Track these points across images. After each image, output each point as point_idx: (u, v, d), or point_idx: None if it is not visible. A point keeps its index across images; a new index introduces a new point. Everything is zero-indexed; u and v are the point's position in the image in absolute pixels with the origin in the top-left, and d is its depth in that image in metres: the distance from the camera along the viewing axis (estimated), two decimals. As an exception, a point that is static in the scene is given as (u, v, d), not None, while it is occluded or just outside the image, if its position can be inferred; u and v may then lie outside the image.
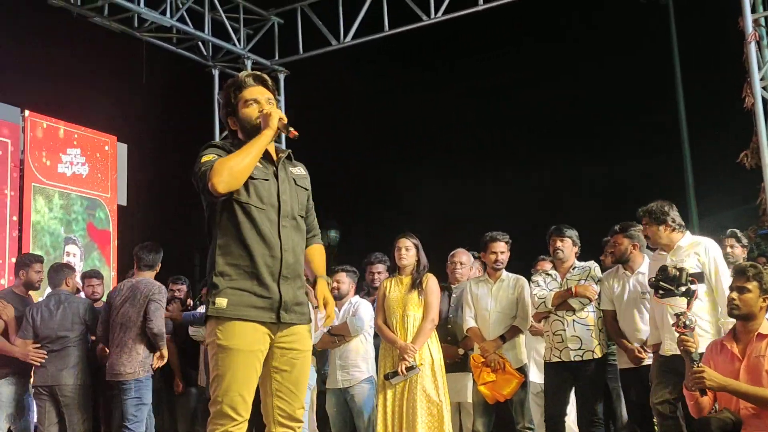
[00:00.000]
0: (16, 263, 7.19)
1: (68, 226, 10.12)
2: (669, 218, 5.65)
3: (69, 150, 10.20)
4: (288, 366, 3.64)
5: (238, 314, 3.51)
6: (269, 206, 3.60)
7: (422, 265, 6.40)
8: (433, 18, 10.68)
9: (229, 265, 3.54)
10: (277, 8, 11.80)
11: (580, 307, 6.24)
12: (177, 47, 11.36)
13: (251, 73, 3.80)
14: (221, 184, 3.44)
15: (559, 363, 6.25)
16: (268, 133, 3.58)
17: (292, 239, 3.64)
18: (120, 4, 10.16)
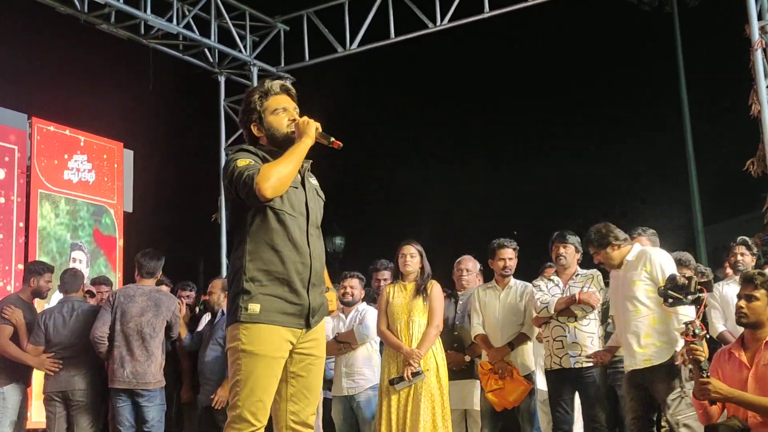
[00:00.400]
0: (27, 270, 7.18)
1: (74, 232, 10.13)
2: (611, 237, 5.71)
3: (75, 156, 10.22)
4: (305, 372, 3.66)
5: (271, 319, 3.51)
6: (299, 214, 3.63)
7: (426, 272, 6.42)
8: (439, 25, 10.69)
9: (259, 271, 3.54)
10: (283, 15, 11.82)
11: (582, 314, 6.24)
12: (183, 54, 11.39)
13: (277, 81, 3.81)
14: (269, 189, 3.43)
15: (559, 370, 6.24)
16: (307, 142, 3.59)
17: (318, 247, 3.66)
18: (127, 11, 10.19)
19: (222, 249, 11.60)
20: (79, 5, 9.97)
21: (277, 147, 3.66)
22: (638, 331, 5.53)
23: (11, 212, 9.49)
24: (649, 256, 5.63)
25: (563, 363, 6.20)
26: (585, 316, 6.24)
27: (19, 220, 9.55)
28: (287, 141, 3.65)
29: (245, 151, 3.64)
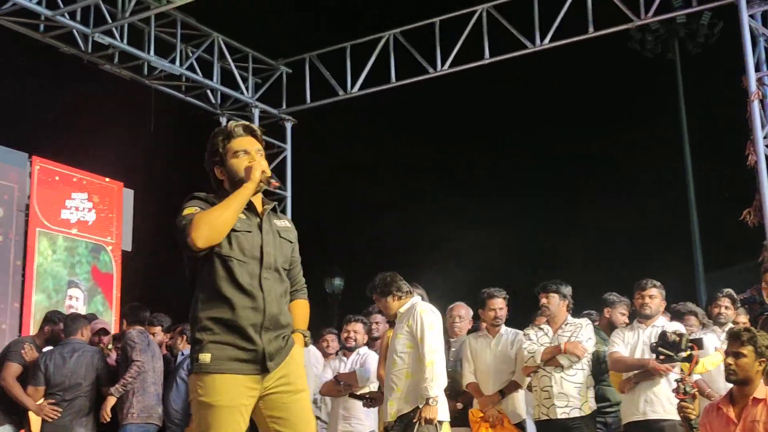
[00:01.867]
0: (44, 318, 7.24)
1: (72, 269, 10.15)
2: (394, 288, 5.76)
3: (75, 194, 10.28)
4: (284, 411, 3.55)
5: (222, 368, 3.43)
6: (251, 258, 3.52)
7: None
8: (440, 70, 10.77)
9: (210, 320, 3.47)
10: (285, 58, 11.93)
11: (568, 364, 6.19)
12: (185, 95, 11.48)
13: (241, 123, 3.74)
14: (200, 239, 3.39)
15: (546, 421, 6.20)
16: (249, 186, 3.52)
17: (275, 290, 3.57)
18: (130, 52, 10.29)
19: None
20: (83, 45, 10.08)
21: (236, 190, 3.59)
22: (392, 385, 5.61)
23: (9, 250, 9.52)
24: (416, 310, 5.66)
25: (550, 413, 6.15)
26: (571, 366, 6.20)
27: (16, 258, 9.59)
28: (240, 185, 3.57)
29: (195, 198, 3.60)
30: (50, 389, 6.70)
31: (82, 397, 6.74)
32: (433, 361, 5.45)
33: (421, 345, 5.51)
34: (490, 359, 6.56)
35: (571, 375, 6.19)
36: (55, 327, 7.06)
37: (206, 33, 11.10)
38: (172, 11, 10.34)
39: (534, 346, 6.27)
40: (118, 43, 10.09)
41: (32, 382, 6.72)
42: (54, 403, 6.67)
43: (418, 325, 5.56)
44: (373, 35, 11.17)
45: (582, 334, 6.26)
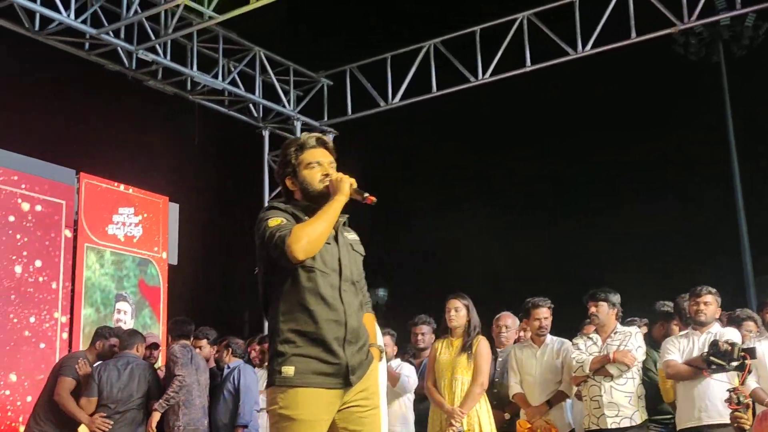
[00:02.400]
0: (95, 333, 7.36)
1: (119, 283, 10.26)
2: None
3: (121, 209, 10.40)
4: (358, 426, 3.50)
5: (306, 382, 3.39)
6: (331, 271, 3.51)
7: (473, 326, 6.28)
8: (481, 79, 10.74)
9: (293, 332, 3.44)
10: (326, 70, 12.00)
11: (618, 374, 6.13)
12: (228, 109, 11.59)
13: (314, 135, 3.73)
14: (301, 251, 3.37)
15: (597, 431, 6.14)
16: (341, 199, 3.52)
17: (353, 303, 3.56)
18: (174, 68, 10.42)
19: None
20: (127, 62, 10.22)
21: (310, 202, 3.59)
22: None
23: (58, 266, 9.66)
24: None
25: (600, 423, 6.10)
26: (621, 375, 6.13)
27: (66, 274, 9.71)
28: (320, 196, 3.56)
29: (275, 209, 3.57)
30: (103, 401, 6.79)
31: (133, 410, 6.84)
32: None
33: None
34: (536, 369, 6.52)
35: (621, 384, 6.12)
36: (106, 342, 7.17)
37: (248, 47, 11.20)
38: (214, 27, 10.44)
39: (583, 356, 6.21)
40: (161, 60, 10.22)
41: (86, 393, 6.83)
42: (106, 416, 6.76)
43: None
44: (413, 45, 11.18)
45: (631, 342, 6.18)
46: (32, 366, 9.14)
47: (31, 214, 9.48)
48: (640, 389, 6.21)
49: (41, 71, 10.04)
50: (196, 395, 7.01)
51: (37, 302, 9.37)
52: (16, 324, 9.15)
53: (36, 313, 9.32)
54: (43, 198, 9.62)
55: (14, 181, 9.39)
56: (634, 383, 6.16)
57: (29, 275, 9.36)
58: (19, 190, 9.42)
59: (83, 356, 7.16)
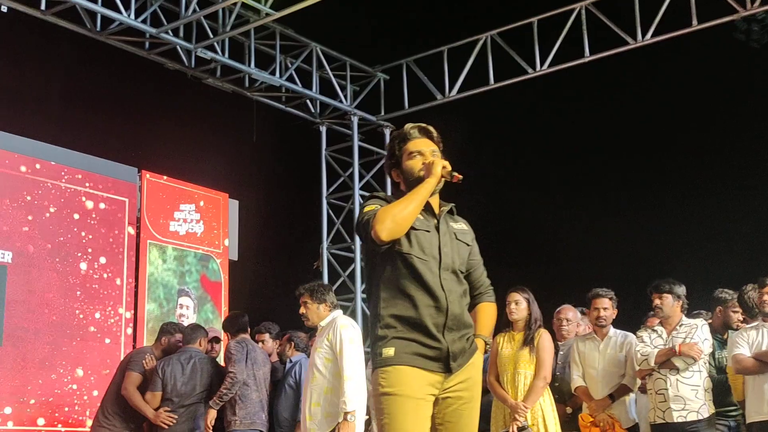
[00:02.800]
0: (161, 329, 7.47)
1: (182, 278, 10.40)
2: (328, 297, 5.71)
3: (183, 206, 10.54)
4: (454, 417, 3.48)
5: (406, 361, 3.40)
6: (431, 258, 3.50)
7: (534, 319, 6.25)
8: (539, 70, 10.65)
9: (393, 317, 3.46)
10: (382, 65, 11.99)
11: (684, 367, 6.03)
12: (286, 105, 11.66)
13: (417, 125, 3.72)
14: (384, 231, 3.37)
15: (663, 425, 6.05)
16: (431, 181, 3.51)
17: (455, 291, 3.52)
18: (232, 65, 10.52)
19: (325, 296, 11.71)
20: (186, 61, 10.35)
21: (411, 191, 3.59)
22: (309, 400, 5.50)
23: (121, 263, 9.82)
24: (336, 324, 5.54)
25: (666, 417, 6.00)
26: (687, 368, 6.04)
27: (129, 270, 9.88)
28: (418, 183, 3.57)
29: (375, 197, 3.62)
30: (167, 395, 6.89)
31: (197, 404, 6.93)
32: (350, 376, 5.34)
33: (340, 359, 5.42)
34: (599, 362, 6.45)
35: (687, 377, 6.02)
36: (171, 338, 7.28)
37: (304, 43, 11.26)
38: (271, 23, 10.52)
39: (647, 349, 6.12)
40: (219, 57, 10.33)
41: (151, 387, 6.93)
42: (170, 410, 6.86)
43: (337, 340, 5.47)
44: (469, 38, 11.13)
45: (698, 335, 6.07)
46: (98, 361, 9.32)
47: (95, 211, 9.67)
48: (707, 382, 6.10)
49: (103, 72, 10.19)
50: (253, 390, 7.06)
51: (102, 298, 9.56)
52: (82, 320, 9.34)
53: (101, 309, 9.50)
54: (106, 196, 9.81)
55: (78, 180, 9.57)
56: (701, 376, 6.06)
57: (94, 272, 9.54)
58: (83, 189, 9.61)
59: (150, 351, 7.27)
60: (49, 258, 9.19)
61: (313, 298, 5.76)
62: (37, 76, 9.68)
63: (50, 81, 9.89)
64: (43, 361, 8.95)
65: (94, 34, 9.55)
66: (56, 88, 9.87)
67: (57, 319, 9.12)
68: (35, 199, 9.19)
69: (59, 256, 9.27)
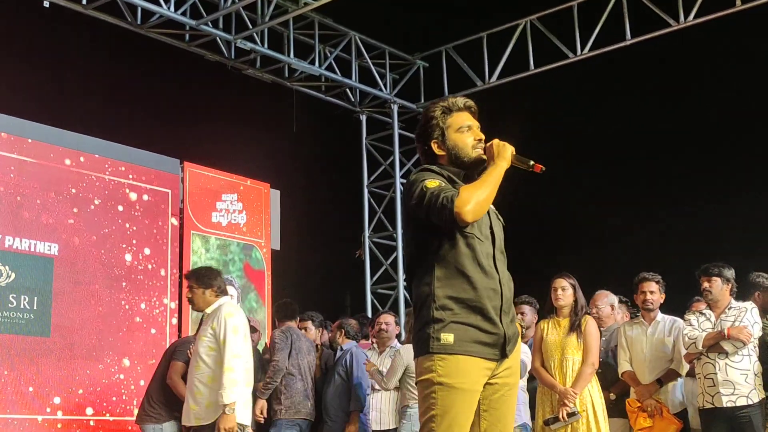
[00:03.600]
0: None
1: (225, 267, 10.44)
2: (214, 281, 5.62)
3: (225, 197, 10.60)
4: (499, 403, 3.40)
5: (467, 350, 3.27)
6: (485, 238, 3.40)
7: (580, 305, 6.20)
8: (580, 55, 10.55)
9: (450, 299, 3.30)
10: (421, 52, 11.96)
11: (733, 350, 5.94)
12: (325, 95, 11.68)
13: (459, 97, 3.59)
14: (470, 213, 3.22)
15: (711, 409, 5.98)
16: (503, 165, 3.38)
17: (505, 273, 3.44)
18: (271, 56, 10.55)
19: (367, 285, 11.74)
20: (226, 52, 10.40)
21: (460, 168, 3.48)
22: (192, 388, 5.45)
23: (165, 254, 9.91)
24: (221, 312, 5.46)
25: (715, 401, 5.92)
26: (737, 351, 5.95)
27: (173, 261, 9.96)
28: (473, 162, 3.46)
29: (429, 171, 3.43)
30: None
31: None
32: (231, 368, 5.29)
33: (223, 349, 5.36)
34: (646, 347, 6.40)
35: (736, 361, 5.94)
36: None
37: (343, 32, 11.26)
38: (309, 13, 10.53)
39: (695, 332, 6.04)
40: (259, 48, 10.36)
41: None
42: None
43: (221, 328, 5.40)
44: (509, 23, 11.06)
45: (747, 318, 5.98)
46: (144, 351, 9.41)
47: (138, 203, 9.75)
48: (757, 366, 6.01)
49: (144, 64, 10.28)
50: (298, 379, 7.08)
51: (147, 289, 9.64)
52: (128, 311, 9.43)
53: (146, 300, 9.59)
54: (149, 187, 9.88)
55: (122, 172, 9.66)
56: (751, 360, 5.97)
57: (138, 263, 9.63)
58: (126, 181, 9.69)
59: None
60: (94, 250, 9.29)
61: (200, 283, 5.66)
62: (80, 70, 9.78)
63: (92, 75, 9.99)
64: (91, 352, 9.06)
65: (134, 27, 9.62)
66: (99, 82, 9.97)
67: (103, 310, 9.22)
68: (80, 191, 9.28)
69: (104, 248, 9.36)
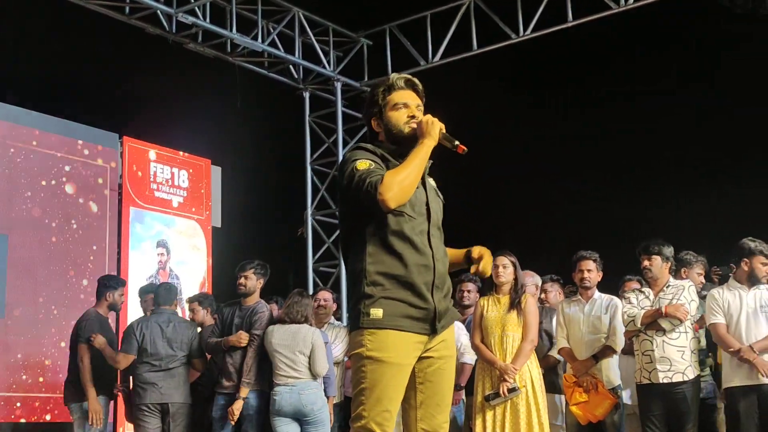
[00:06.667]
0: (101, 284, 7.29)
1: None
2: None
3: (164, 173, 10.48)
4: (435, 376, 3.44)
5: (396, 324, 3.31)
6: (419, 215, 3.41)
7: (520, 284, 6.29)
8: (522, 36, 10.62)
9: (380, 275, 3.34)
10: (365, 30, 11.92)
11: (670, 328, 6.05)
12: (268, 71, 11.58)
13: (403, 75, 3.60)
14: (392, 200, 3.27)
15: (648, 385, 6.09)
16: (429, 144, 3.39)
17: (441, 249, 3.45)
18: (213, 30, 10.42)
19: (309, 263, 11.72)
20: (167, 26, 10.24)
21: (395, 144, 3.50)
22: None
23: (104, 230, 9.78)
24: None
25: (652, 378, 6.03)
26: (674, 329, 6.07)
27: (111, 236, 9.84)
28: (406, 139, 3.46)
29: (363, 149, 3.46)
30: (145, 358, 6.76)
31: (179, 366, 6.78)
32: None
33: None
34: (583, 324, 6.50)
35: (673, 339, 6.04)
36: (114, 292, 7.20)
37: (286, 8, 11.16)
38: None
39: (634, 310, 6.15)
40: (201, 22, 10.23)
41: (125, 348, 6.84)
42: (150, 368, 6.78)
43: None
44: (452, 3, 11.07)
45: (684, 296, 6.10)
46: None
47: (75, 177, 9.59)
48: (693, 343, 6.15)
49: (83, 37, 10.05)
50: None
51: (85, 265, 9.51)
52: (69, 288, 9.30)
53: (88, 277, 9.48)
54: (87, 162, 9.74)
55: (58, 145, 9.49)
56: (687, 337, 6.08)
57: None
58: (63, 155, 9.54)
59: (94, 314, 7.18)
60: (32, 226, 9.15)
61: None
62: (16, 40, 9.56)
63: (30, 46, 9.77)
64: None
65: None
66: (35, 53, 9.75)
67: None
68: (12, 165, 9.12)
69: (42, 223, 9.22)
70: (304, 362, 6.38)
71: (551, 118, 11.44)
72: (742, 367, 5.94)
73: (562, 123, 11.38)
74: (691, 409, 6.02)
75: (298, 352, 6.37)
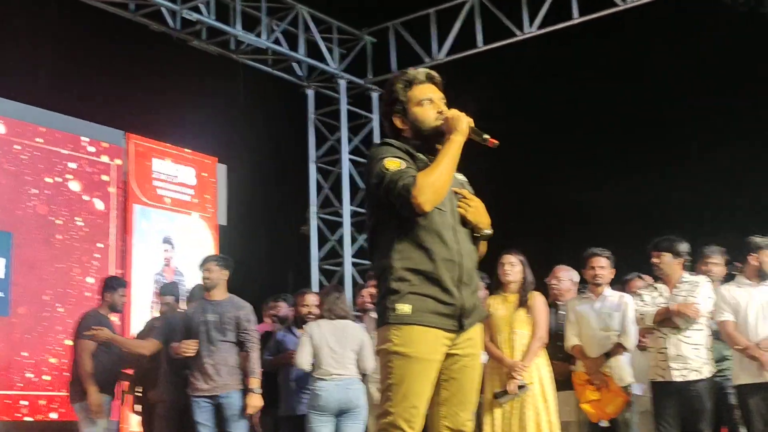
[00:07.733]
0: (104, 286, 7.28)
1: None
2: None
3: (170, 171, 10.45)
4: (459, 374, 3.40)
5: (423, 320, 3.27)
6: (447, 210, 3.37)
7: (528, 282, 6.28)
8: (527, 32, 10.60)
9: (408, 270, 3.30)
10: (369, 27, 11.89)
11: (685, 325, 6.02)
12: (272, 68, 11.55)
13: (422, 69, 3.53)
14: (427, 203, 3.23)
15: (662, 383, 6.06)
16: (460, 140, 3.33)
17: (467, 244, 3.41)
18: (218, 27, 10.40)
19: (311, 261, 11.68)
20: (171, 23, 10.22)
21: (422, 141, 3.43)
22: None
23: (109, 227, 9.75)
24: None
25: (666, 376, 6.00)
26: (689, 326, 6.04)
27: (117, 234, 9.81)
28: (435, 135, 3.40)
29: (390, 146, 3.40)
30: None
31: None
32: None
33: None
34: (594, 322, 6.47)
35: (688, 336, 6.01)
36: (114, 293, 7.16)
37: (290, 5, 11.13)
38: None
39: (647, 308, 6.12)
40: (205, 19, 10.21)
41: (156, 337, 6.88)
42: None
43: None
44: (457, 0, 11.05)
45: (699, 293, 6.08)
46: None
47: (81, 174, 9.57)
48: (709, 341, 6.11)
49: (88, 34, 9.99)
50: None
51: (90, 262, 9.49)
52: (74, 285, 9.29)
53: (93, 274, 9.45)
54: (92, 159, 9.71)
55: (63, 142, 9.46)
56: (702, 334, 6.05)
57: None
58: (68, 152, 9.51)
59: (95, 314, 7.15)
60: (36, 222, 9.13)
61: None
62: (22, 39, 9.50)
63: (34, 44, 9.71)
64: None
65: (78, -5, 9.39)
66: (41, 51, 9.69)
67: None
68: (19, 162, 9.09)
69: (46, 220, 9.19)
70: (352, 358, 6.42)
71: (555, 115, 11.39)
72: (751, 365, 5.93)
73: (567, 120, 11.32)
74: (706, 407, 5.98)
75: (348, 348, 6.40)
